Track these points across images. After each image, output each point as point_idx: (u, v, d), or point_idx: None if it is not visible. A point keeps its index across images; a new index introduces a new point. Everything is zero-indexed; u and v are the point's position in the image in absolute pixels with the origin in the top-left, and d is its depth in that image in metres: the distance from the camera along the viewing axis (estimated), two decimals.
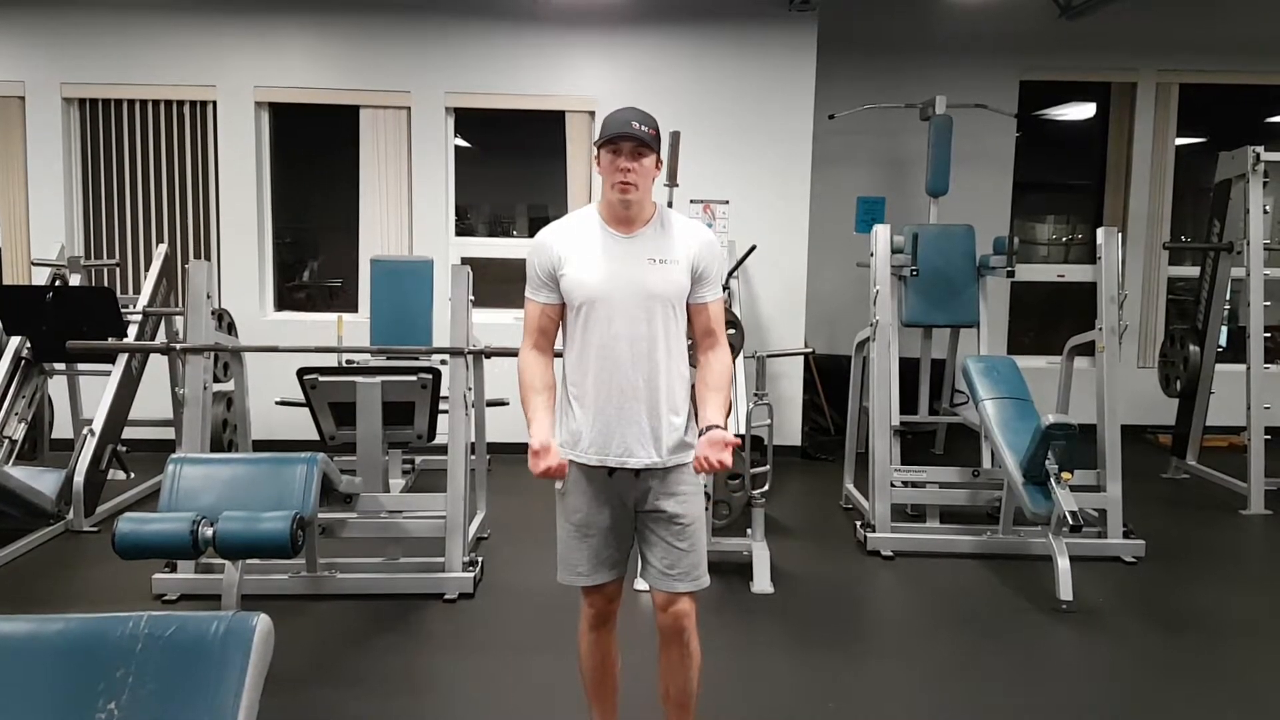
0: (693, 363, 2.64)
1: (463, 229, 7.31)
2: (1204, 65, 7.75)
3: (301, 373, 4.49)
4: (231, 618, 1.68)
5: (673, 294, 2.52)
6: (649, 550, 2.63)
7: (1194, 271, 6.71)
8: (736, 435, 2.86)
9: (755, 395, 4.73)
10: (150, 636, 1.63)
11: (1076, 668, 3.79)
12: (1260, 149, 5.85)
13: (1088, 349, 5.21)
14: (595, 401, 2.52)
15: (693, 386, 2.65)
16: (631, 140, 2.45)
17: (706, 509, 3.13)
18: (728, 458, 2.44)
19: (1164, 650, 3.91)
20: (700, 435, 2.50)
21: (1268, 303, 5.92)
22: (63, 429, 6.16)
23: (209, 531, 3.44)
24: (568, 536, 2.61)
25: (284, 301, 7.40)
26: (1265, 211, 5.91)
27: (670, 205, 4.39)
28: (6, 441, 5.48)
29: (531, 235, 7.57)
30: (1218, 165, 6.30)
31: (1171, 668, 3.75)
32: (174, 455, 3.97)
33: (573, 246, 2.53)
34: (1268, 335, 6.08)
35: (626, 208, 2.50)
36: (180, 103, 6.96)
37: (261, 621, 1.68)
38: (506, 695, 3.45)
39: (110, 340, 5.43)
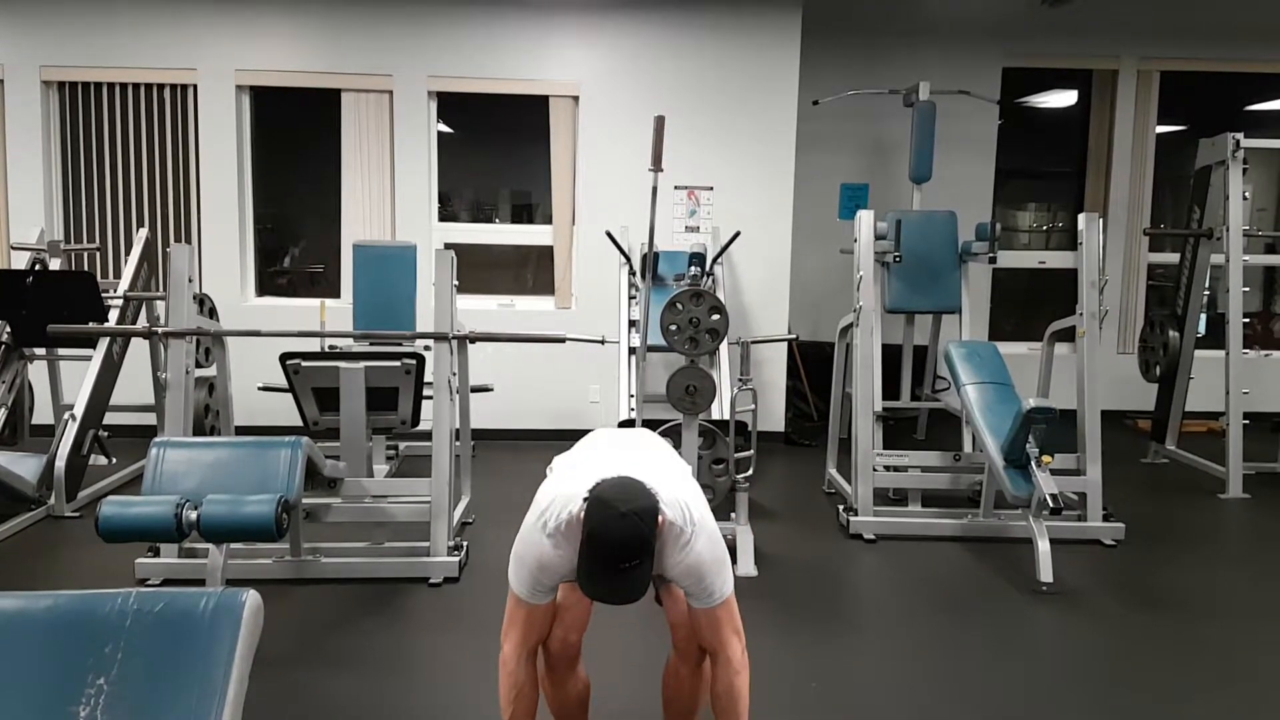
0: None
1: (445, 214, 7.28)
2: (1185, 53, 7.80)
3: (284, 358, 4.47)
4: (221, 594, 1.68)
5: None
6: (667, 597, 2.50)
7: (1174, 258, 6.76)
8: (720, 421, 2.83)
9: (739, 380, 4.75)
10: (139, 612, 1.63)
11: (1056, 647, 3.83)
12: (1240, 136, 5.88)
13: (1068, 334, 5.24)
14: None
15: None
16: (624, 600, 2.14)
17: None
18: None
19: (1143, 630, 3.95)
20: None
21: (1246, 289, 5.96)
22: (43, 414, 6.12)
23: (193, 515, 3.43)
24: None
25: (265, 287, 7.36)
26: (1244, 198, 5.95)
27: (655, 190, 4.40)
28: None
29: (515, 221, 7.66)
30: (1198, 152, 6.33)
31: (1150, 647, 3.79)
32: (157, 439, 3.95)
33: (575, 560, 2.23)
34: (1246, 321, 6.13)
35: None
36: (160, 86, 6.90)
37: (251, 598, 1.68)
38: (491, 678, 3.45)
39: (91, 325, 5.39)
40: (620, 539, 2.07)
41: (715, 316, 4.37)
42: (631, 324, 6.01)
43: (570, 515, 2.22)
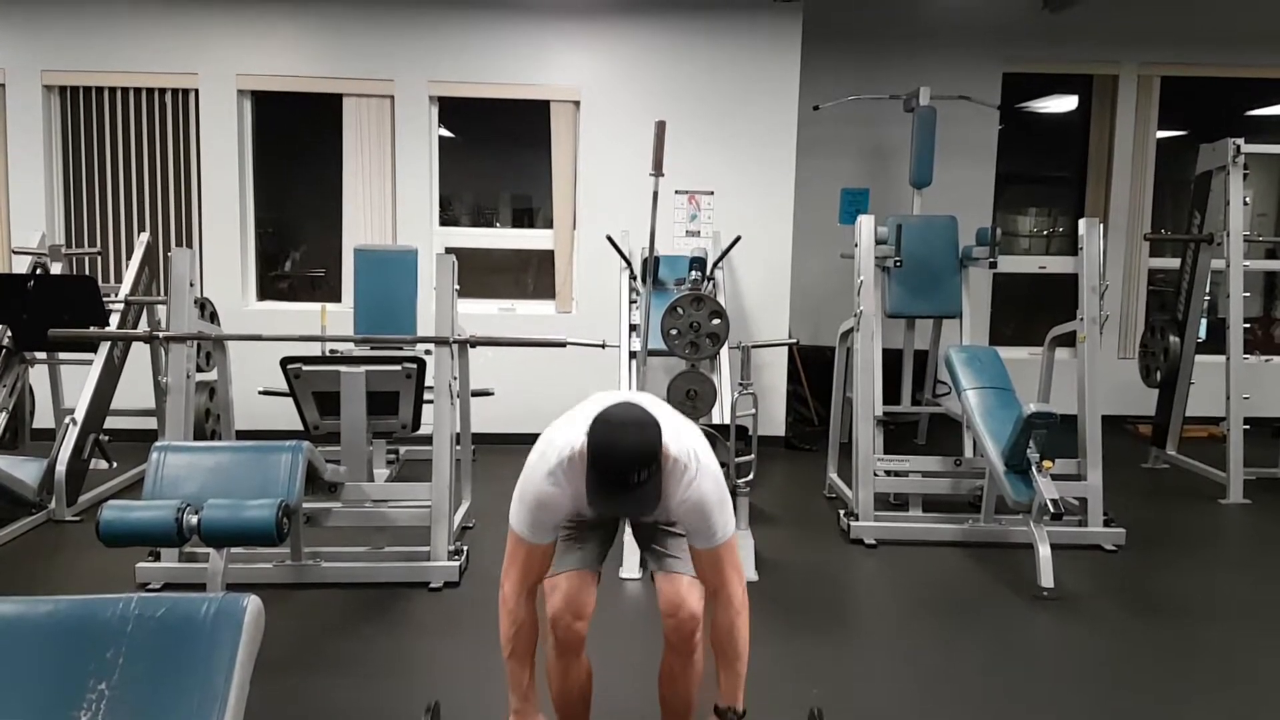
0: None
1: (446, 219, 7.29)
2: (1185, 58, 7.81)
3: (285, 362, 4.48)
4: (222, 599, 1.68)
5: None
6: (653, 541, 2.55)
7: (1174, 263, 6.76)
8: (718, 426, 2.80)
9: (740, 385, 4.75)
10: (140, 617, 1.63)
11: (1057, 652, 3.83)
12: (1240, 141, 5.88)
13: (1069, 340, 5.24)
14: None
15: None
16: (633, 514, 2.23)
17: None
18: None
19: (1143, 635, 3.95)
20: (713, 712, 2.49)
21: (1247, 294, 5.97)
22: (44, 418, 6.12)
23: (194, 519, 3.43)
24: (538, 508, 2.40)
25: (266, 291, 7.37)
26: (1245, 204, 5.95)
27: (656, 195, 4.41)
28: None
29: (516, 225, 7.66)
30: (1198, 158, 6.34)
31: (1151, 652, 3.79)
32: (158, 443, 3.95)
33: (577, 499, 2.32)
34: (1247, 326, 6.13)
35: None
36: (162, 90, 6.91)
37: (252, 603, 1.68)
38: (492, 682, 3.45)
39: (92, 329, 5.39)
40: (627, 450, 2.10)
41: (716, 321, 4.38)
42: (632, 328, 6.01)
43: (572, 452, 2.26)
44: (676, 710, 2.66)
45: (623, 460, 2.10)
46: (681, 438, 2.32)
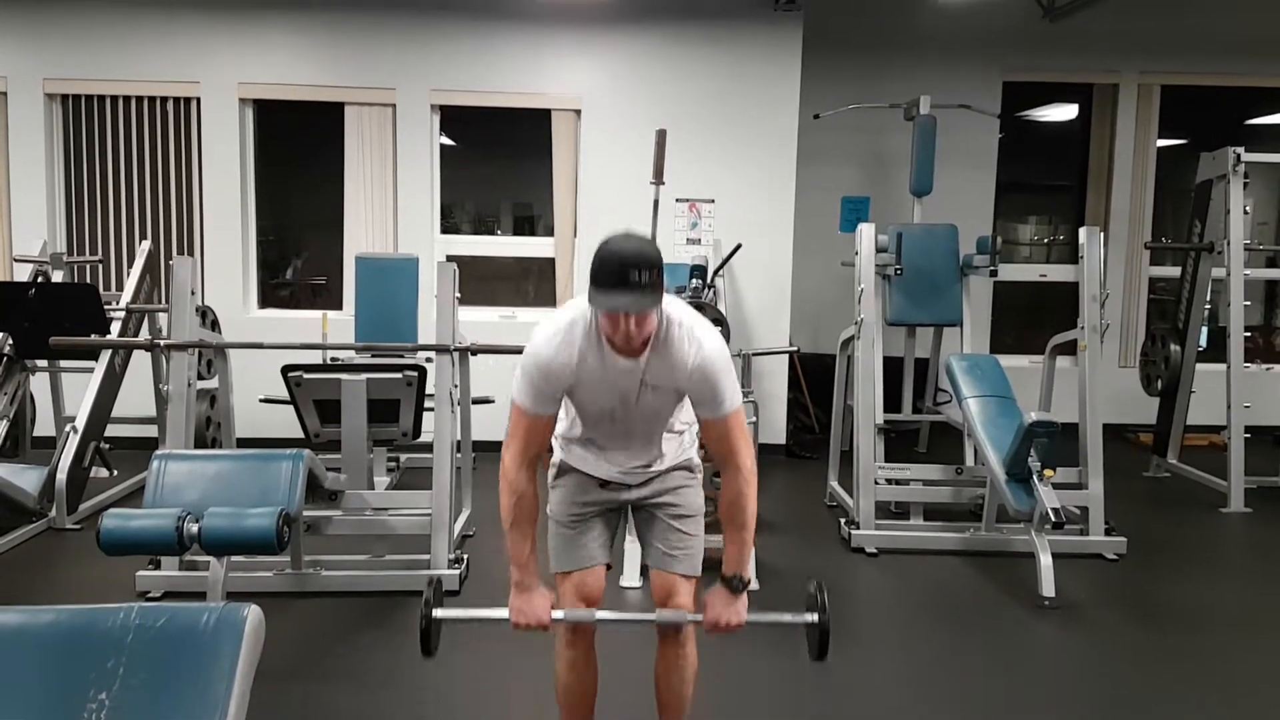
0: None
1: (448, 227, 7.30)
2: (1185, 67, 7.82)
3: (286, 370, 4.48)
4: (222, 609, 1.68)
5: (669, 409, 2.51)
6: (648, 531, 2.63)
7: (1175, 271, 6.77)
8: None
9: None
10: (141, 627, 1.63)
11: (1058, 662, 3.82)
12: (1240, 150, 5.89)
13: (1069, 348, 5.24)
14: (588, 455, 2.59)
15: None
16: (634, 309, 2.20)
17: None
18: (737, 616, 2.47)
19: (1145, 644, 3.94)
20: (719, 581, 2.51)
21: (1247, 303, 5.97)
22: (45, 426, 6.11)
23: (194, 527, 3.43)
24: (558, 531, 2.60)
25: (268, 299, 7.38)
26: (1245, 212, 5.96)
27: (656, 204, 4.41)
28: None
29: (517, 233, 7.68)
30: (1199, 166, 6.35)
31: (1152, 661, 3.79)
32: (158, 451, 3.95)
33: (580, 369, 2.35)
34: (1247, 335, 6.13)
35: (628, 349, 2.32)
36: (164, 99, 6.92)
37: (252, 613, 1.68)
38: (492, 691, 3.45)
39: (93, 337, 5.39)
40: (630, 250, 2.18)
41: (717, 328, 4.38)
42: None
43: (573, 318, 2.35)
44: (672, 707, 2.68)
45: (625, 256, 2.17)
46: (687, 310, 2.42)
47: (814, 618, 2.50)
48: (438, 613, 2.56)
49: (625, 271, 2.15)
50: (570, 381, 2.37)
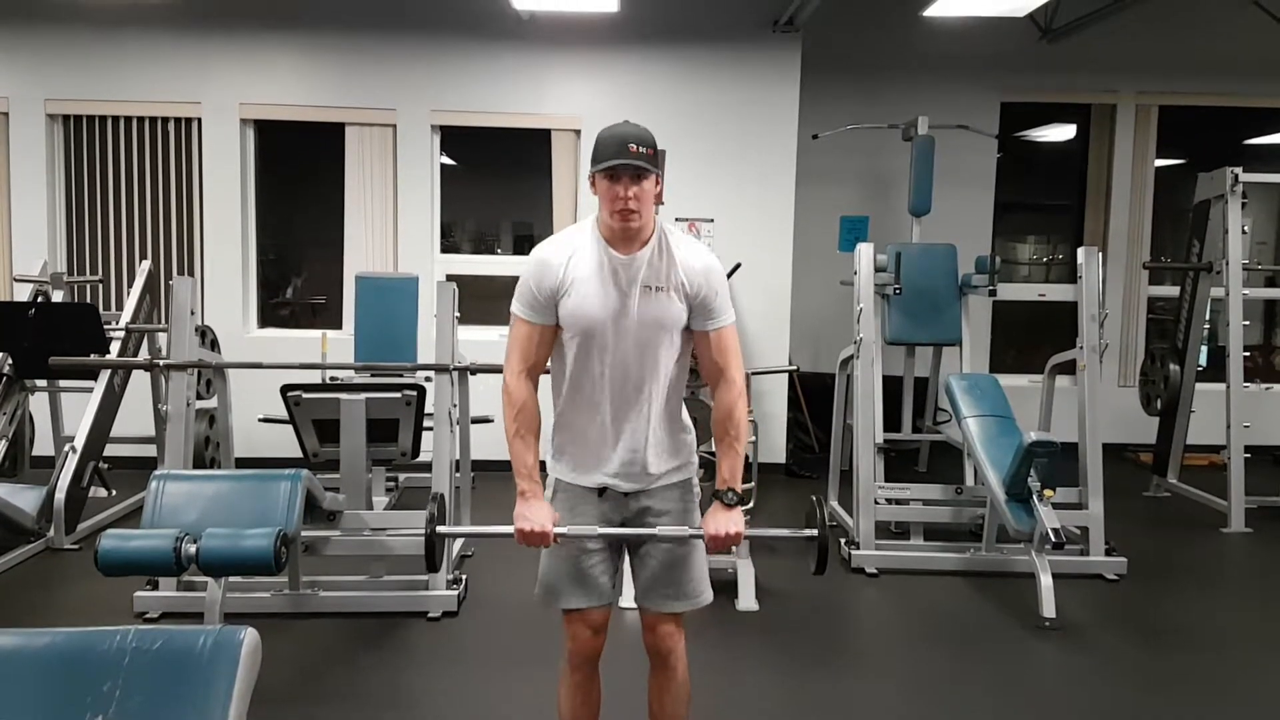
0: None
1: (447, 246, 7.31)
2: (1183, 87, 7.85)
3: (285, 389, 4.47)
4: (219, 631, 1.67)
5: (669, 323, 2.43)
6: (640, 566, 2.56)
7: (1174, 291, 6.77)
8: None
9: None
10: (137, 650, 1.62)
11: (1059, 683, 3.80)
12: (1239, 170, 5.91)
13: (1069, 367, 5.24)
14: (583, 432, 2.50)
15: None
16: (631, 169, 2.32)
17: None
18: (735, 526, 2.44)
19: (1146, 665, 3.93)
20: (713, 498, 2.49)
21: (1246, 322, 5.98)
22: (44, 446, 6.11)
23: (192, 548, 3.42)
24: (550, 556, 2.53)
25: (267, 318, 7.38)
26: (1244, 232, 5.97)
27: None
28: None
29: (517, 253, 7.69)
30: (1197, 186, 6.37)
31: (1153, 682, 3.77)
32: (157, 472, 3.95)
33: (575, 267, 2.41)
34: (1247, 354, 6.13)
35: (626, 231, 2.37)
36: (165, 119, 6.95)
37: (249, 635, 1.68)
38: (491, 713, 3.44)
39: (93, 357, 5.40)
40: (628, 128, 2.39)
41: None
42: None
43: (575, 226, 2.52)
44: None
45: (625, 133, 2.37)
46: (685, 233, 2.58)
47: (813, 532, 2.51)
48: (441, 529, 2.59)
49: (625, 144, 2.34)
50: (563, 280, 2.42)
